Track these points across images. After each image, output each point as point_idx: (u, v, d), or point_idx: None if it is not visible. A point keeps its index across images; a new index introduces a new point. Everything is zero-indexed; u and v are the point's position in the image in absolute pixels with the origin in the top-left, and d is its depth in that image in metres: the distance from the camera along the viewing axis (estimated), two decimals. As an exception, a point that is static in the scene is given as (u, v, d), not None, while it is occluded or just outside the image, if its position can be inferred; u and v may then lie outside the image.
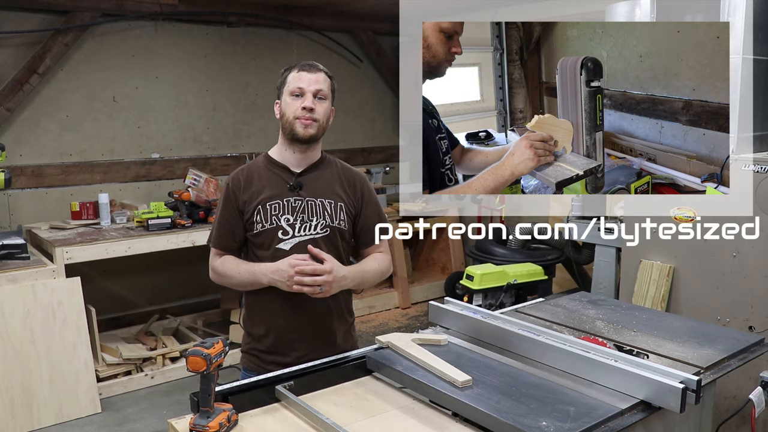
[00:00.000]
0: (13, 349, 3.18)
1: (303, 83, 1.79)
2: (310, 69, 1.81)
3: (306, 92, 1.79)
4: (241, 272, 1.82)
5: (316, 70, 1.82)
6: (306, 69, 1.81)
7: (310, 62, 1.84)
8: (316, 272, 1.71)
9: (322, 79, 1.81)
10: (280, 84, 1.85)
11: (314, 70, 1.81)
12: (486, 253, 4.18)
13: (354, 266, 1.85)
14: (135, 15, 4.33)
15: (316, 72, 1.81)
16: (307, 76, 1.80)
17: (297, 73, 1.81)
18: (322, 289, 1.71)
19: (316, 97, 1.80)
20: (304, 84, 1.79)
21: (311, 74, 1.80)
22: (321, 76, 1.82)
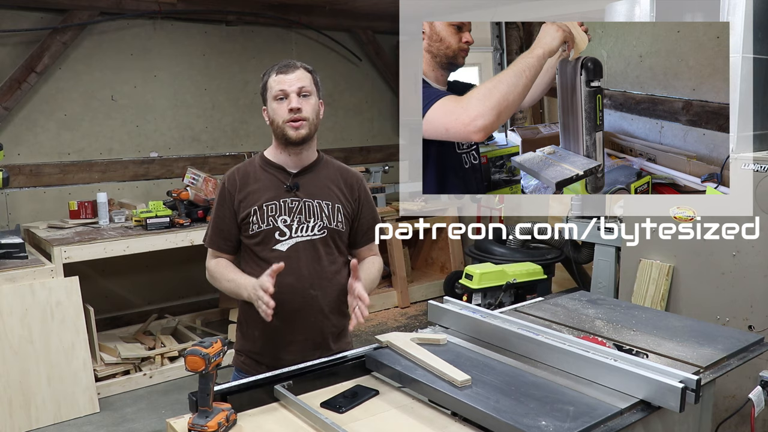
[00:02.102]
0: (11, 349, 3.17)
1: (284, 85, 1.76)
2: (287, 70, 1.77)
3: (289, 93, 1.76)
4: (229, 280, 1.81)
5: (293, 69, 1.78)
6: (283, 71, 1.77)
7: (286, 62, 1.81)
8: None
9: (302, 76, 1.78)
10: (262, 90, 1.82)
11: (291, 70, 1.78)
12: (485, 253, 4.18)
13: (364, 279, 1.82)
14: (133, 14, 4.32)
15: (294, 71, 1.78)
16: (285, 78, 1.76)
17: (276, 76, 1.78)
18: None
19: (300, 95, 1.77)
20: (285, 86, 1.76)
21: (290, 74, 1.77)
22: (300, 73, 1.78)
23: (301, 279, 1.80)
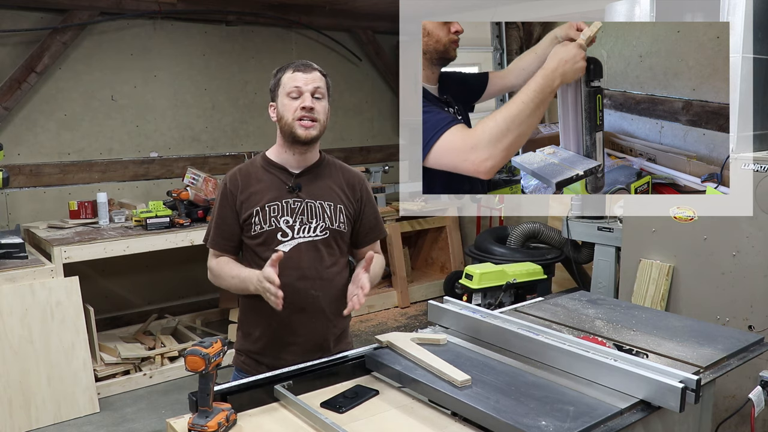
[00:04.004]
0: (11, 349, 3.17)
1: (299, 83, 1.76)
2: (305, 69, 1.78)
3: (304, 92, 1.76)
4: (233, 276, 1.80)
5: (311, 70, 1.79)
6: (301, 69, 1.78)
7: (304, 62, 1.81)
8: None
9: (318, 78, 1.79)
10: (274, 86, 1.82)
11: (309, 70, 1.78)
12: (485, 252, 4.18)
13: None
14: (133, 14, 4.32)
15: (311, 71, 1.78)
16: (302, 76, 1.77)
17: (292, 73, 1.78)
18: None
19: (314, 96, 1.77)
20: (300, 83, 1.76)
21: (307, 74, 1.77)
22: (316, 74, 1.79)
23: (302, 280, 1.80)
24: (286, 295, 1.78)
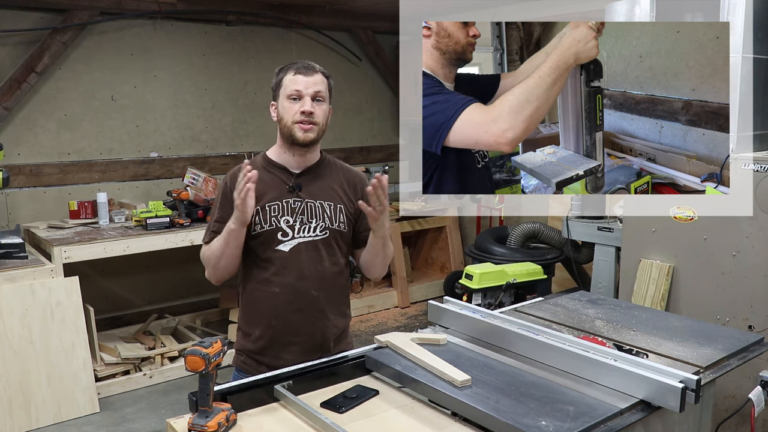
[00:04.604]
0: (11, 349, 3.17)
1: (300, 86, 1.75)
2: (306, 72, 1.77)
3: (304, 95, 1.75)
4: (219, 239, 1.79)
5: (313, 72, 1.77)
6: (302, 72, 1.77)
7: (306, 63, 1.80)
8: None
9: (319, 81, 1.78)
10: (276, 85, 1.81)
11: (311, 72, 1.77)
12: (485, 252, 4.18)
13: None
14: (133, 14, 4.32)
15: (313, 74, 1.77)
16: (303, 80, 1.76)
17: (293, 75, 1.77)
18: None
19: (314, 99, 1.76)
20: (301, 87, 1.75)
21: (308, 77, 1.76)
22: (318, 77, 1.78)
23: (302, 280, 1.80)
24: (286, 294, 1.78)
